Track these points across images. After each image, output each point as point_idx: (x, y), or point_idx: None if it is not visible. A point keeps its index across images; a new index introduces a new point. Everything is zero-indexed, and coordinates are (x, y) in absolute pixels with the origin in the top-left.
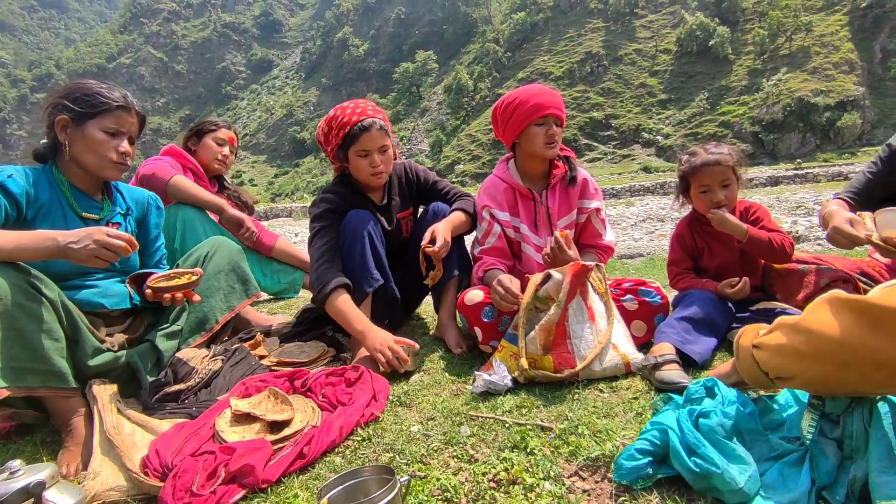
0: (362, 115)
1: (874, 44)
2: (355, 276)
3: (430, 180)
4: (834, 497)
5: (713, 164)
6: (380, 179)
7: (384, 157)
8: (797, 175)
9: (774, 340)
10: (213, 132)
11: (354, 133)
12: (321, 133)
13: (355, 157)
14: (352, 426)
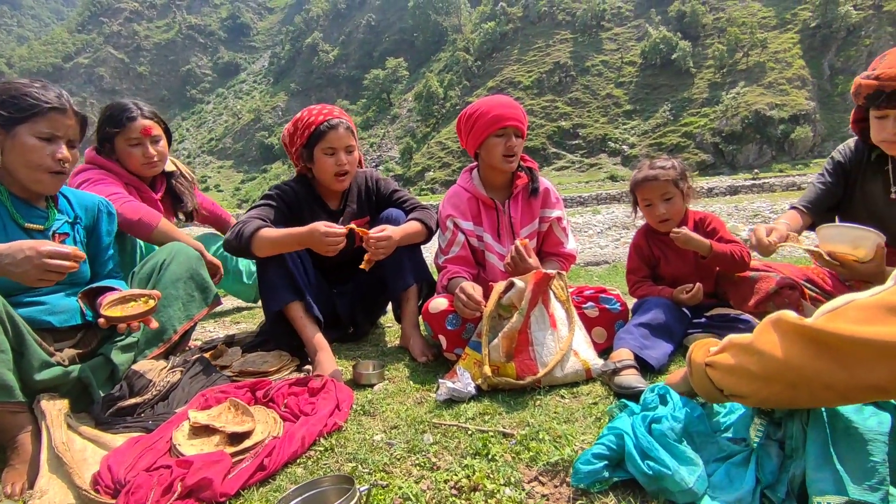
0: (329, 115)
1: (823, 61)
2: (268, 293)
3: (389, 189)
4: (776, 494)
5: (652, 179)
6: (344, 181)
7: (350, 157)
8: (755, 185)
9: (726, 361)
10: (121, 132)
11: (322, 130)
12: (287, 134)
13: (321, 154)
14: (314, 436)
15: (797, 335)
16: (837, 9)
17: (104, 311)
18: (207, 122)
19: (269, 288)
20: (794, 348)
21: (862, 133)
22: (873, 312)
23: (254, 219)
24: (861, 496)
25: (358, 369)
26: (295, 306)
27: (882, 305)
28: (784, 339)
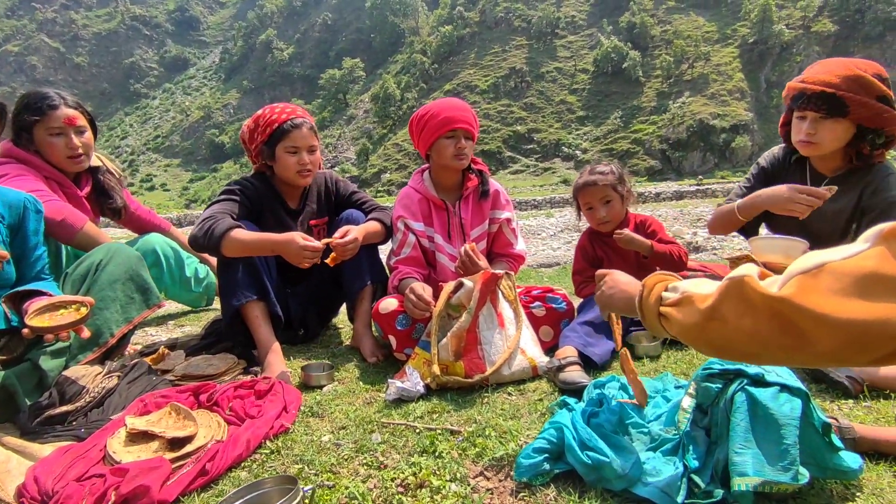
0: (292, 114)
1: (760, 75)
2: (230, 288)
3: (348, 191)
4: (702, 478)
5: (591, 184)
6: (306, 178)
7: (312, 157)
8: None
9: (683, 319)
10: (41, 121)
11: (285, 129)
12: (247, 130)
13: (284, 153)
14: (260, 439)
15: (764, 307)
16: (772, 27)
17: (29, 320)
18: (153, 119)
19: (232, 283)
20: (760, 323)
21: (787, 136)
22: (848, 284)
23: (222, 215)
24: (775, 476)
25: (307, 371)
26: (254, 305)
27: (857, 274)
28: (749, 310)
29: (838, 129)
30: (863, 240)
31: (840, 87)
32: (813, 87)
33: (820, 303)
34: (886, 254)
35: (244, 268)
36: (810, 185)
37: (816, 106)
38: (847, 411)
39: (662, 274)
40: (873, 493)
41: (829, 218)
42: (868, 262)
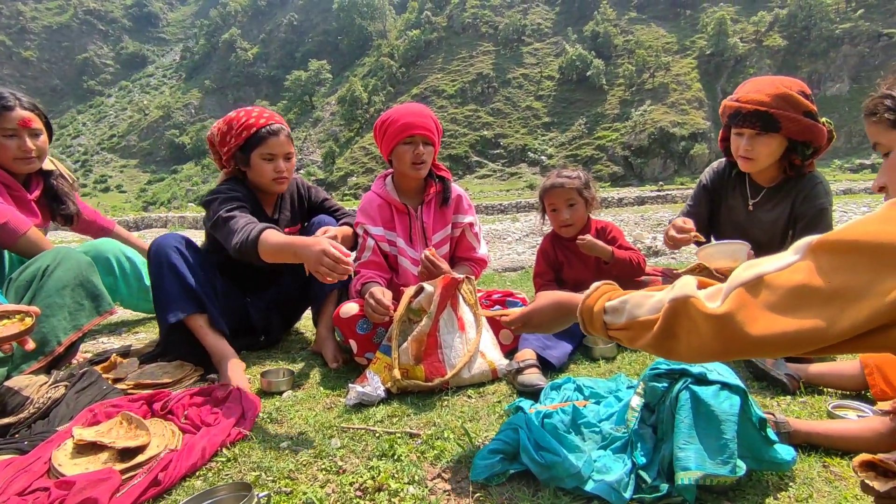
0: (270, 120)
1: (717, 85)
2: (164, 304)
3: (320, 198)
4: (649, 474)
5: (558, 186)
6: (282, 186)
7: (289, 164)
8: (659, 196)
9: (632, 338)
10: None
11: (262, 135)
12: (217, 133)
13: (259, 160)
14: (216, 447)
15: (708, 326)
16: (727, 40)
17: None
18: (108, 117)
19: (165, 299)
20: (705, 340)
21: (726, 150)
22: (781, 296)
23: (248, 218)
24: (715, 470)
25: (266, 377)
26: (196, 318)
27: (788, 287)
28: (695, 329)
29: (772, 143)
30: (793, 250)
31: (771, 105)
32: (747, 106)
33: (757, 316)
34: (812, 267)
35: (173, 281)
36: (750, 195)
37: (752, 123)
38: (785, 406)
39: (598, 291)
40: (804, 483)
41: (768, 226)
42: (797, 275)
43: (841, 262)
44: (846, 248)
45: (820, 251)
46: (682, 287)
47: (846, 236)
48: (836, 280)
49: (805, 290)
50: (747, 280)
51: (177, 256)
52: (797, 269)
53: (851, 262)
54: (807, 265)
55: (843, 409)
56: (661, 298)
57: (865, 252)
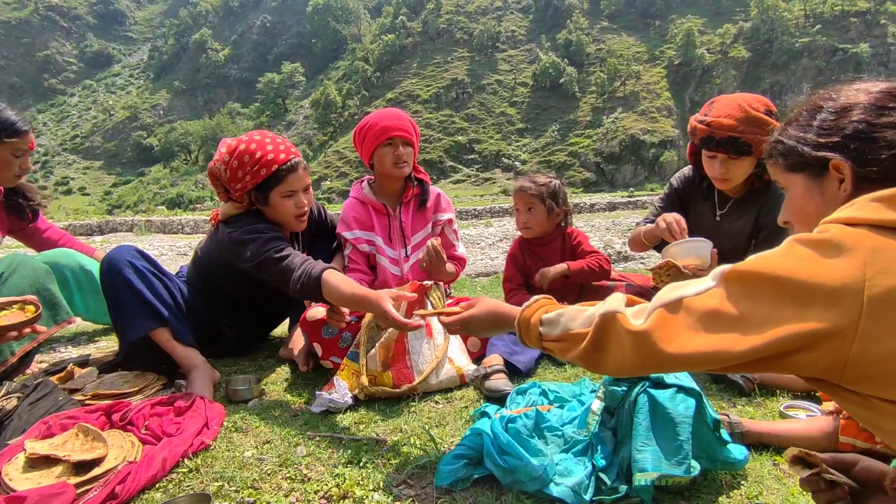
0: (288, 154)
1: (685, 94)
2: (124, 320)
3: (328, 217)
4: (608, 476)
5: (519, 190)
6: (304, 223)
7: (308, 196)
8: (630, 202)
9: (564, 350)
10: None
11: (282, 174)
12: (225, 168)
13: (280, 198)
14: (178, 458)
15: (629, 340)
16: (695, 51)
17: None
18: (71, 117)
19: (122, 316)
20: (626, 354)
21: (696, 164)
22: (696, 319)
23: (302, 257)
24: (670, 470)
25: (231, 385)
26: (159, 332)
27: (703, 311)
28: (619, 344)
29: (745, 164)
30: (711, 276)
31: (743, 130)
32: (719, 132)
33: (673, 335)
34: (724, 293)
35: (133, 296)
36: (718, 205)
37: (725, 149)
38: (741, 407)
39: (536, 303)
40: (756, 481)
41: (733, 235)
42: (711, 300)
43: (747, 291)
44: (751, 280)
45: (731, 280)
46: (611, 303)
47: (752, 268)
48: (741, 307)
49: (715, 315)
50: (668, 301)
51: (130, 271)
52: (712, 294)
53: (755, 293)
54: (720, 292)
55: (794, 409)
56: (592, 313)
57: (767, 284)
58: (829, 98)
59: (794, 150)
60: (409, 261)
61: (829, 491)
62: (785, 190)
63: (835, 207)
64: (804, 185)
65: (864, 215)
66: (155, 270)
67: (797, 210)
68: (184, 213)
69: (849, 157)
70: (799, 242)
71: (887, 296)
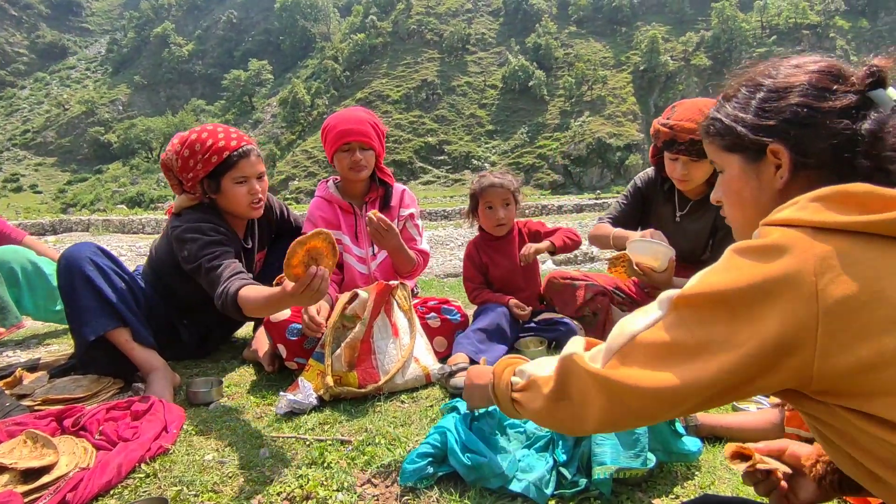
0: (240, 141)
1: (650, 100)
2: (82, 319)
3: (296, 224)
4: (569, 470)
5: (498, 186)
6: (258, 210)
7: (262, 184)
8: (596, 204)
9: (532, 404)
10: None
11: (232, 161)
12: (177, 157)
13: (232, 184)
14: (134, 463)
15: (594, 384)
16: (659, 57)
17: None
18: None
19: (80, 315)
20: (595, 400)
21: (658, 165)
22: (651, 357)
23: (231, 269)
24: (628, 463)
25: (192, 388)
26: (118, 332)
27: (656, 345)
28: (582, 391)
29: (705, 166)
30: (658, 304)
31: None
32: (682, 135)
33: (635, 375)
34: (676, 322)
35: (92, 294)
36: (678, 206)
37: (687, 152)
38: None
39: (510, 358)
40: (708, 471)
41: (693, 236)
42: (664, 332)
43: (698, 315)
44: (698, 302)
45: (680, 306)
46: (569, 346)
47: (697, 290)
48: (697, 334)
49: (672, 347)
50: (622, 344)
51: (91, 268)
52: (661, 326)
53: (706, 315)
54: (671, 320)
55: (746, 402)
56: (556, 358)
57: (715, 303)
58: (769, 75)
59: (731, 130)
60: (375, 259)
61: (766, 480)
62: (719, 169)
63: (770, 193)
64: (740, 168)
65: (806, 216)
66: (117, 269)
67: (732, 192)
68: (145, 212)
69: (787, 143)
70: (738, 253)
71: (841, 306)
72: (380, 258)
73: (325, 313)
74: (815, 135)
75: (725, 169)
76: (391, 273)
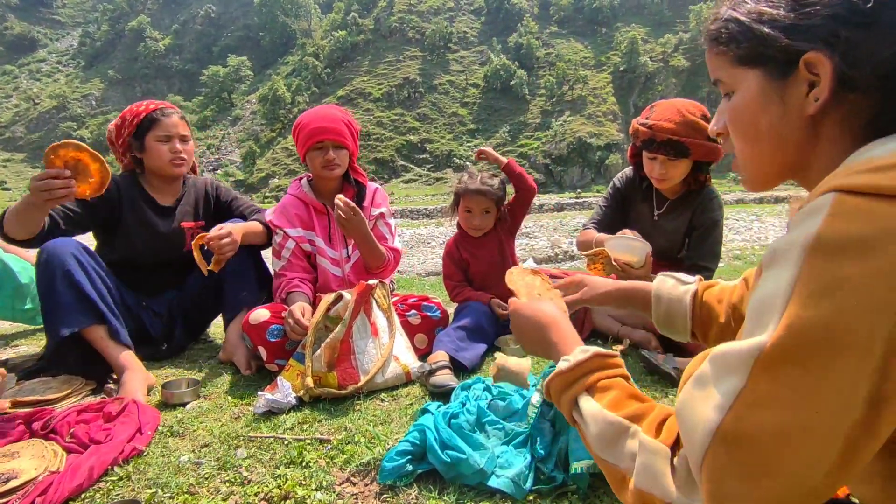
0: (162, 105)
1: (629, 100)
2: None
3: (230, 197)
4: (547, 466)
5: (480, 193)
6: (180, 167)
7: (186, 147)
8: (577, 203)
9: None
10: None
11: (154, 117)
12: (114, 128)
13: (154, 142)
14: (106, 465)
15: None
16: (639, 58)
17: None
18: None
19: (57, 309)
20: None
21: (636, 165)
22: (767, 450)
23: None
24: None
25: (168, 388)
26: (94, 329)
27: (772, 432)
28: None
29: (683, 166)
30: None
31: (681, 133)
32: (661, 135)
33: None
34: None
35: (71, 289)
36: (656, 205)
37: (665, 151)
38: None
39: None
40: None
41: (670, 234)
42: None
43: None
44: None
45: (777, 364)
46: (646, 470)
47: (794, 339)
48: (824, 390)
49: (785, 426)
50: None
51: (73, 262)
52: (753, 399)
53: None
54: (767, 391)
55: None
56: (632, 451)
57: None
58: None
59: (753, 33)
60: (350, 261)
61: None
62: (726, 90)
63: (796, 122)
64: (758, 87)
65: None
66: (97, 266)
67: (744, 121)
68: None
69: (834, 50)
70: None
71: None
72: (353, 259)
73: (310, 315)
74: (878, 38)
75: (738, 89)
76: (365, 274)
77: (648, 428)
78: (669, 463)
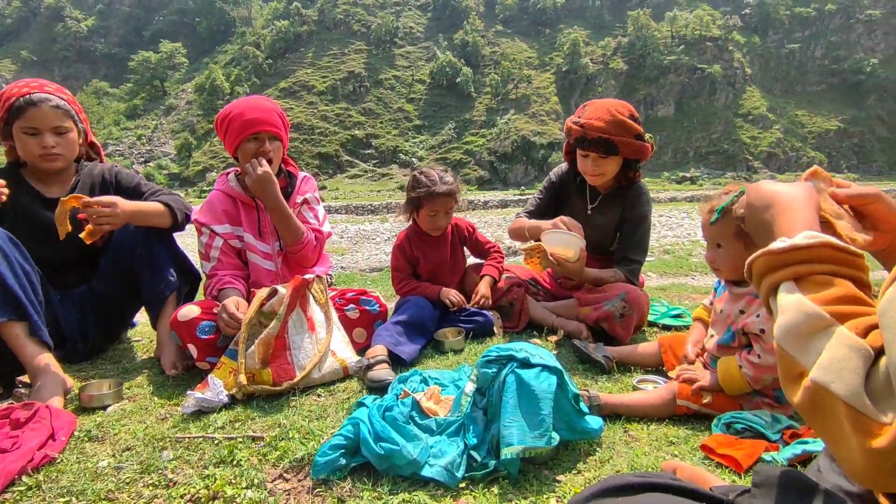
0: (35, 90)
1: (571, 100)
2: None
3: (133, 182)
4: (479, 453)
5: (448, 195)
6: (51, 163)
7: (62, 140)
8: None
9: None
10: None
11: (19, 106)
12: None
13: (20, 134)
14: (12, 475)
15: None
16: (580, 60)
17: None
18: None
19: None
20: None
21: (571, 161)
22: None
23: None
24: (533, 443)
25: (86, 391)
26: (12, 325)
27: None
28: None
29: (613, 163)
30: None
31: (611, 132)
32: (592, 133)
33: None
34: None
35: None
36: (589, 199)
37: (596, 149)
38: (601, 384)
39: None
40: (608, 447)
41: (602, 228)
42: None
43: None
44: None
45: None
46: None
47: None
48: None
49: None
50: None
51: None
52: None
53: None
54: None
55: (645, 382)
56: (821, 348)
57: None
58: None
59: None
60: (282, 255)
61: None
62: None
63: None
64: None
65: None
66: (22, 260)
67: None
68: None
69: None
70: None
71: None
72: None
73: (245, 307)
74: None
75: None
76: (299, 269)
77: (853, 327)
78: (868, 366)
